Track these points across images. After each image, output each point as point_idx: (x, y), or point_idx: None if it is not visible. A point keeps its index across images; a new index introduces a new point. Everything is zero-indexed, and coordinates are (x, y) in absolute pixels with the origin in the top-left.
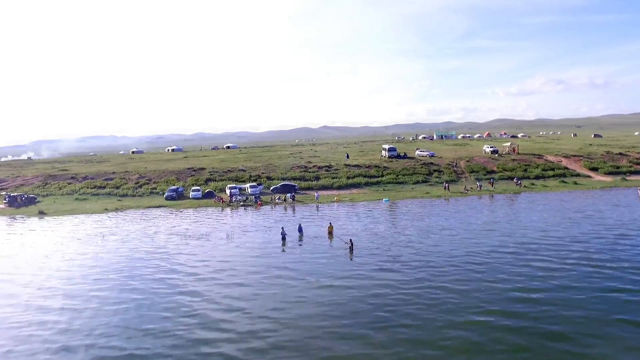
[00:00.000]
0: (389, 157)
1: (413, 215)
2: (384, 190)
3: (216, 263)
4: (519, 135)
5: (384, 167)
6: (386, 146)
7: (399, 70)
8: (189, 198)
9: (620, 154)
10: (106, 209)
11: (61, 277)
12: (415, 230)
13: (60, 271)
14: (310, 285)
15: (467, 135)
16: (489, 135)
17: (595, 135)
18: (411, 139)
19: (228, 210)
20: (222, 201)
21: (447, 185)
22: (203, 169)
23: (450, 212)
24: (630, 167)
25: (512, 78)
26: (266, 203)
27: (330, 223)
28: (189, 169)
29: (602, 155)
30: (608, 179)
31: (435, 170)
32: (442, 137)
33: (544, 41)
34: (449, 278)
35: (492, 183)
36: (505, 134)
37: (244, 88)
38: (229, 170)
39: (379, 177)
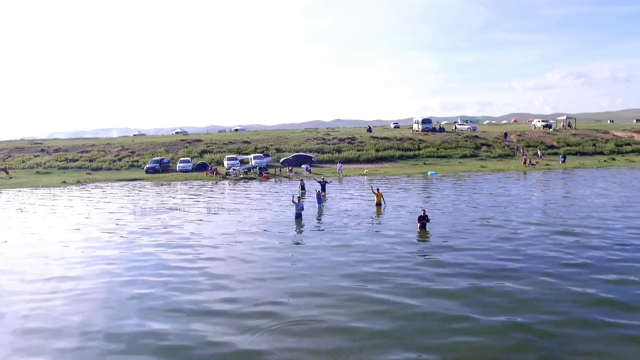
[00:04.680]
0: (423, 130)
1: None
2: (424, 164)
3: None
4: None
5: (419, 140)
6: (419, 118)
7: (414, 63)
8: (175, 171)
9: None
10: (64, 182)
11: None
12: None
13: None
14: None
15: (493, 121)
16: (515, 122)
17: (637, 120)
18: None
19: (225, 183)
20: (217, 174)
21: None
22: (199, 140)
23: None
24: None
25: (531, 72)
26: (274, 176)
27: (377, 189)
28: (182, 140)
29: None
30: None
31: (483, 144)
32: (466, 122)
33: (566, 33)
34: None
35: (564, 159)
36: (532, 120)
37: (255, 83)
38: (230, 142)
39: (415, 150)
